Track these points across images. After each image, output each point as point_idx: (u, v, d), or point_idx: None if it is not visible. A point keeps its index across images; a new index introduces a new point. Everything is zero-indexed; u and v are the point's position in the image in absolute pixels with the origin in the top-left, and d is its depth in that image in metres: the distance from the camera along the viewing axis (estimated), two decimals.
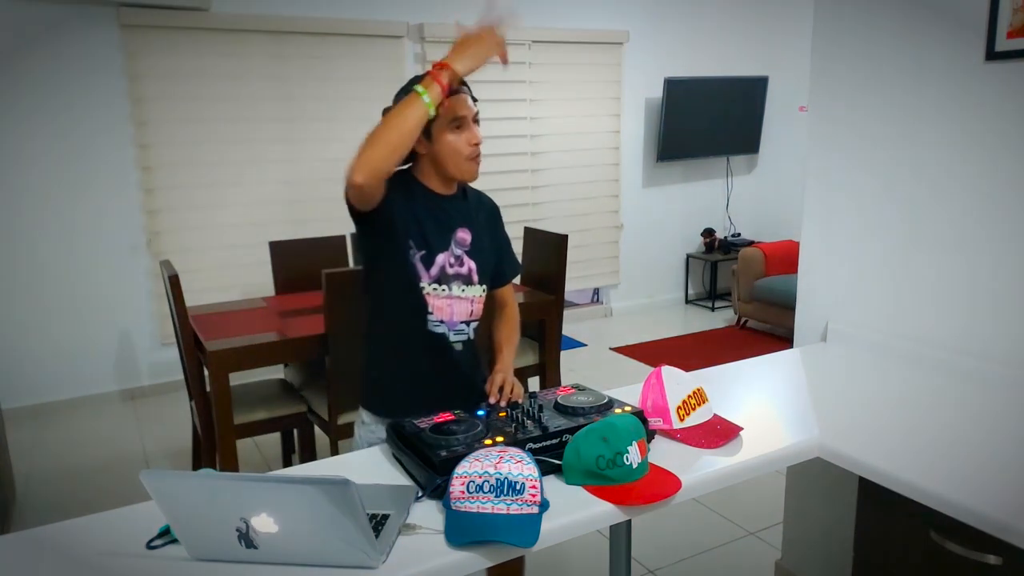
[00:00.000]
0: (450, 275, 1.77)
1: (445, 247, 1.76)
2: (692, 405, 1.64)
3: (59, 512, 3.20)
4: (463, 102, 1.69)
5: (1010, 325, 1.86)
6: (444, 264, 1.76)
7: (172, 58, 4.39)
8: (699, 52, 6.17)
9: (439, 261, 1.75)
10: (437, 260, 1.75)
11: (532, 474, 1.29)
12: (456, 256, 1.77)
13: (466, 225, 1.80)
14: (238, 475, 1.14)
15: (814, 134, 2.30)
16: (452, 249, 1.77)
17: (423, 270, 1.74)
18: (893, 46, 2.04)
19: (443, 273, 1.76)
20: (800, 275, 2.42)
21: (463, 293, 1.79)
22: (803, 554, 2.49)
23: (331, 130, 4.89)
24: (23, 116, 4.13)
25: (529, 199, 5.65)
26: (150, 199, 4.48)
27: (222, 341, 2.85)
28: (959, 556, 1.39)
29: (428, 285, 1.74)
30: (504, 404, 1.67)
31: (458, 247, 1.78)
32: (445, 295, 1.77)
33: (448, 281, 1.77)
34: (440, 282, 1.76)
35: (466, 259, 1.79)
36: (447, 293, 1.77)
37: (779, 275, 5.51)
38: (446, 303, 1.77)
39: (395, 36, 4.96)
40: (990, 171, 1.86)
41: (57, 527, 1.32)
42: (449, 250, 1.76)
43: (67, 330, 4.42)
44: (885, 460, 1.50)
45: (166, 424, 4.19)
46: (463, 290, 1.79)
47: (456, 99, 1.67)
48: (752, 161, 6.70)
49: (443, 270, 1.76)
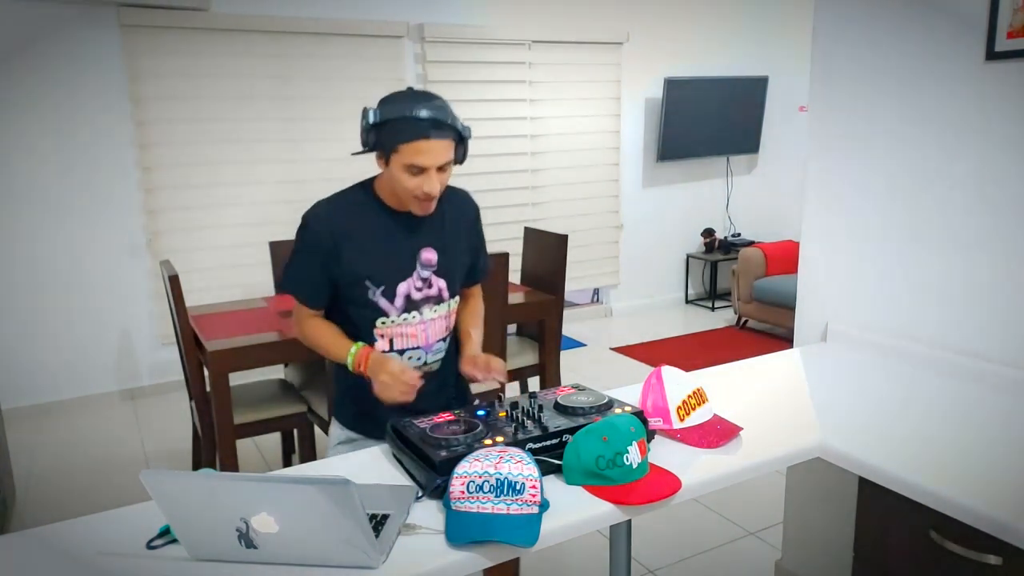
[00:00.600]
0: (418, 300, 1.71)
1: (408, 273, 1.69)
2: (692, 405, 1.64)
3: (59, 512, 3.20)
4: (424, 152, 1.54)
5: (1010, 325, 1.86)
6: (409, 291, 1.70)
7: (172, 58, 4.39)
8: (699, 52, 6.17)
9: (402, 291, 1.69)
10: (399, 290, 1.69)
11: (532, 474, 1.29)
12: (423, 279, 1.71)
13: (432, 244, 1.71)
14: (238, 475, 1.14)
15: (814, 134, 2.30)
16: (418, 272, 1.70)
17: (387, 304, 1.68)
18: (893, 46, 2.04)
19: (409, 301, 1.70)
20: (800, 275, 2.42)
21: (435, 314, 1.75)
22: (803, 554, 2.49)
23: (331, 130, 4.89)
24: (23, 116, 4.13)
25: (529, 199, 5.65)
26: (150, 199, 4.48)
27: (222, 341, 2.85)
28: (959, 556, 1.39)
29: (397, 317, 1.69)
30: (484, 377, 1.67)
31: (424, 268, 1.71)
32: (417, 321, 1.72)
33: (417, 307, 1.71)
34: (408, 310, 1.70)
35: (434, 279, 1.72)
36: (419, 319, 1.72)
37: (779, 275, 5.51)
38: (420, 329, 1.73)
39: (395, 36, 4.96)
40: (990, 171, 1.86)
41: (57, 527, 1.32)
42: (414, 275, 1.70)
43: (67, 330, 4.42)
44: (885, 460, 1.49)
45: (166, 424, 4.19)
46: (435, 310, 1.74)
47: (416, 147, 1.53)
48: (752, 161, 6.70)
49: (408, 298, 1.70)
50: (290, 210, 4.85)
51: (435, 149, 1.55)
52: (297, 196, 4.86)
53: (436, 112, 1.54)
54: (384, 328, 1.71)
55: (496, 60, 5.33)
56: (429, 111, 1.53)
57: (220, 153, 4.61)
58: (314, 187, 4.89)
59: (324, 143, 4.88)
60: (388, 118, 1.55)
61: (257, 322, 3.11)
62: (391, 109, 1.55)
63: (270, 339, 2.87)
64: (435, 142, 1.54)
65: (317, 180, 4.89)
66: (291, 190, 4.84)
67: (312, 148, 4.86)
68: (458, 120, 1.60)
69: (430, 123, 1.53)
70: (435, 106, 1.55)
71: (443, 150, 1.56)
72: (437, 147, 1.55)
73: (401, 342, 1.73)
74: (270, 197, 4.79)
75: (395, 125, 1.54)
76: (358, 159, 4.98)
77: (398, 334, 1.72)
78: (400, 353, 1.73)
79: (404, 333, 1.72)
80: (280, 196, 4.82)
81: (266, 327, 3.03)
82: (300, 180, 4.86)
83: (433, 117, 1.53)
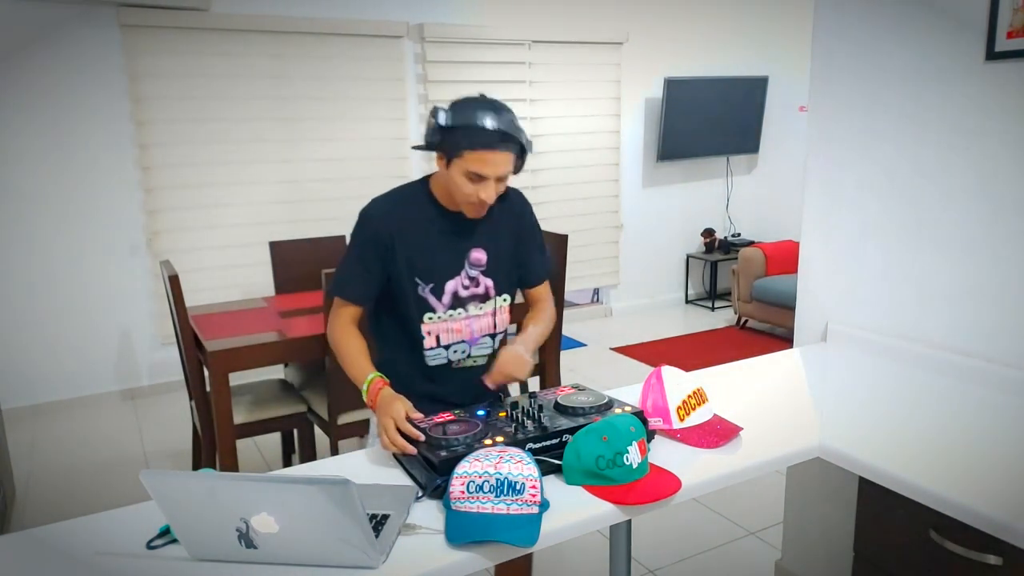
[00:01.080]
0: (464, 297, 1.74)
1: (457, 271, 1.72)
2: (692, 405, 1.64)
3: (59, 512, 3.20)
4: (489, 162, 1.56)
5: (1010, 325, 1.86)
6: (456, 289, 1.73)
7: (172, 58, 4.39)
8: (699, 52, 6.17)
9: (449, 288, 1.72)
10: (447, 288, 1.72)
11: (532, 474, 1.29)
12: (471, 277, 1.74)
13: (482, 244, 1.75)
14: (238, 475, 1.14)
15: (814, 134, 2.30)
16: (466, 271, 1.73)
17: (435, 300, 1.72)
18: (893, 46, 2.04)
19: (456, 298, 1.74)
20: (800, 275, 2.42)
21: (481, 311, 1.78)
22: (803, 554, 2.48)
23: (331, 130, 4.89)
24: (23, 116, 4.13)
25: (529, 199, 5.62)
26: (150, 199, 4.48)
27: (222, 341, 2.85)
28: (959, 556, 1.39)
29: (444, 313, 1.73)
30: (494, 383, 1.68)
31: (473, 268, 1.74)
32: (463, 317, 1.75)
33: (464, 304, 1.75)
34: (455, 307, 1.74)
35: (482, 279, 1.76)
36: (464, 315, 1.76)
37: (779, 275, 5.51)
38: (464, 324, 1.76)
39: (395, 36, 4.96)
40: (990, 171, 1.86)
41: (57, 527, 1.32)
42: (462, 273, 1.73)
43: (67, 330, 4.41)
44: (885, 460, 1.49)
45: (166, 424, 4.19)
46: (481, 307, 1.77)
47: (481, 157, 1.56)
48: (752, 161, 6.70)
49: (456, 295, 1.73)
50: (290, 210, 4.85)
51: (499, 160, 1.57)
52: (297, 196, 4.86)
53: (506, 125, 1.56)
54: (430, 324, 1.74)
55: (496, 60, 5.33)
56: (500, 123, 1.55)
57: (220, 153, 4.61)
58: (314, 187, 4.89)
59: (324, 143, 4.88)
60: (458, 123, 1.56)
61: (257, 322, 3.11)
62: (462, 114, 1.56)
63: (270, 339, 2.87)
64: (500, 154, 1.57)
65: (317, 180, 4.90)
66: (291, 190, 4.84)
67: (312, 148, 4.86)
68: (523, 133, 1.62)
69: (499, 135, 1.55)
70: (506, 119, 1.56)
71: (506, 162, 1.59)
72: (501, 159, 1.57)
73: (447, 337, 1.76)
74: (270, 197, 4.79)
75: (464, 131, 1.55)
76: (358, 159, 4.98)
77: (444, 329, 1.75)
78: (445, 348, 1.76)
79: (450, 328, 1.75)
80: (280, 196, 4.82)
81: (266, 327, 3.03)
82: (300, 180, 4.86)
83: (502, 129, 1.55)
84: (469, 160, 1.57)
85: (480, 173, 1.57)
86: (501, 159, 1.57)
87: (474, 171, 1.57)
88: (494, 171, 1.58)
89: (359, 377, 1.66)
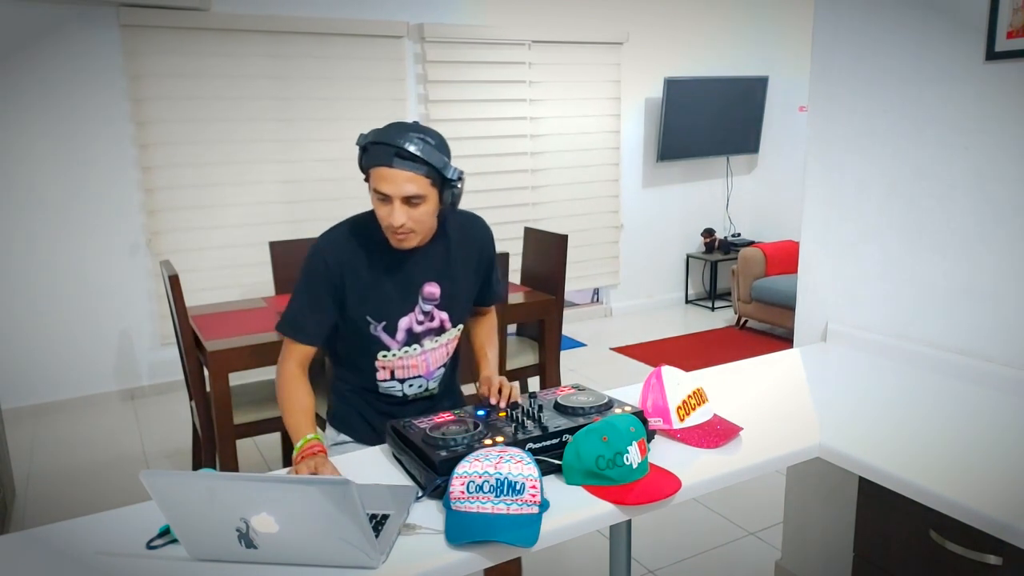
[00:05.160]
0: (419, 333, 1.71)
1: (410, 308, 1.68)
2: (692, 405, 1.64)
3: (59, 512, 3.20)
4: (387, 179, 1.51)
5: (1010, 325, 1.86)
6: (410, 326, 1.70)
7: (172, 58, 4.39)
8: (699, 52, 6.17)
9: (403, 325, 1.69)
10: (400, 325, 1.69)
11: (532, 474, 1.29)
12: (425, 312, 1.70)
13: (435, 278, 1.70)
14: (238, 475, 1.14)
15: (814, 134, 2.30)
16: (420, 306, 1.69)
17: (388, 339, 1.69)
18: (893, 46, 2.04)
19: (411, 335, 1.71)
20: (800, 275, 2.42)
21: (436, 344, 1.75)
22: (803, 554, 2.49)
23: (331, 130, 4.89)
24: (23, 116, 4.13)
25: (529, 199, 5.65)
26: (150, 199, 4.48)
27: (222, 341, 2.85)
28: (959, 556, 1.39)
29: (399, 351, 1.71)
30: (504, 405, 1.65)
31: (426, 303, 1.70)
32: (418, 353, 1.73)
33: (418, 339, 1.72)
34: (410, 343, 1.71)
35: (436, 313, 1.72)
36: (420, 351, 1.73)
37: (779, 275, 5.51)
38: (420, 360, 1.74)
39: (395, 36, 4.96)
40: (990, 171, 1.86)
41: (57, 527, 1.32)
42: (416, 309, 1.69)
43: (67, 330, 4.41)
44: (885, 460, 1.49)
45: (166, 424, 4.19)
46: (436, 341, 1.75)
47: (380, 174, 1.52)
48: (752, 161, 6.70)
49: (410, 332, 1.70)
50: (290, 210, 4.85)
51: (399, 179, 1.50)
52: (297, 196, 4.86)
53: (407, 142, 1.50)
54: (386, 361, 1.72)
55: (496, 60, 5.33)
56: (399, 140, 1.50)
57: (220, 153, 4.61)
58: (314, 187, 4.89)
59: (324, 143, 4.88)
60: (368, 142, 1.55)
61: (257, 322, 3.11)
62: (374, 134, 1.54)
63: (270, 339, 2.87)
64: (400, 172, 1.50)
65: (317, 180, 4.90)
66: (291, 190, 4.84)
67: (312, 148, 4.86)
68: (442, 159, 1.53)
69: (395, 151, 1.50)
70: (410, 138, 1.50)
71: (407, 181, 1.51)
72: (400, 177, 1.50)
73: (402, 372, 1.75)
74: (270, 197, 4.79)
75: (370, 148, 1.54)
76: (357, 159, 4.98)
77: (399, 366, 1.74)
78: (401, 382, 1.76)
79: (405, 365, 1.74)
80: (280, 196, 4.82)
81: (266, 327, 3.03)
82: (300, 180, 4.86)
83: (400, 146, 1.49)
84: (373, 178, 1.54)
85: (380, 191, 1.52)
86: (402, 177, 1.50)
87: (376, 188, 1.53)
88: (395, 190, 1.51)
89: (295, 434, 1.57)
